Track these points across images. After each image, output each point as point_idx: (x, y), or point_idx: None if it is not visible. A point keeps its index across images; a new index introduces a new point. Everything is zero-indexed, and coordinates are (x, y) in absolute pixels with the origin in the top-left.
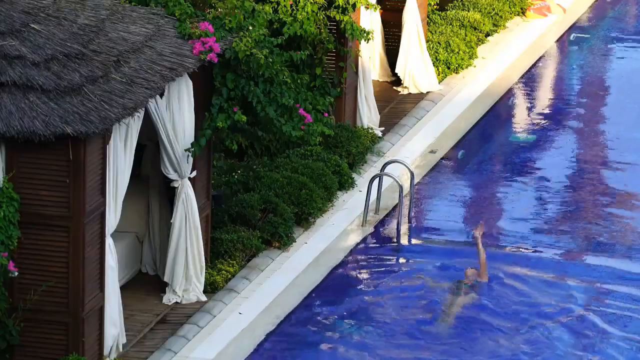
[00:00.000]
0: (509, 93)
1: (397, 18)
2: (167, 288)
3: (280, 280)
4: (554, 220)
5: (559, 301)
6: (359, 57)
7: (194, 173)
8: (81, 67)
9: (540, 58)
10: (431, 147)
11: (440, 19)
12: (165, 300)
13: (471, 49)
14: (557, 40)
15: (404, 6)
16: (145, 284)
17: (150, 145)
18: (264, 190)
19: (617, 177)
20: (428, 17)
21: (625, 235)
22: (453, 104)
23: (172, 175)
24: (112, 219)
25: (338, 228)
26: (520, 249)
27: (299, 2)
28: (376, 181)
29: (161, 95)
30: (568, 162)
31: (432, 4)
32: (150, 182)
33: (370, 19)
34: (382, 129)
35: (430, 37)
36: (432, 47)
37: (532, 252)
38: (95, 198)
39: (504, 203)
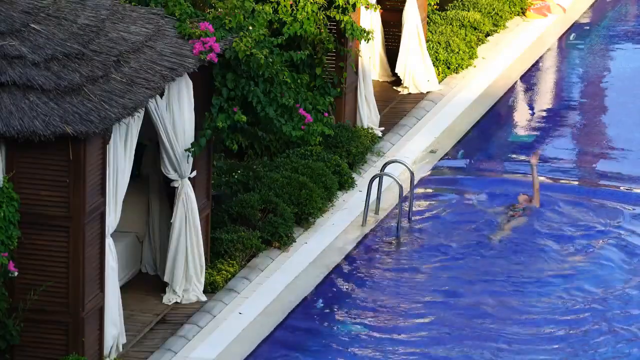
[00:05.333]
0: (509, 93)
1: (397, 18)
2: (167, 288)
3: (280, 280)
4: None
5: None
6: (359, 57)
7: (194, 173)
8: (81, 67)
9: (540, 58)
10: (431, 147)
11: (440, 19)
12: (165, 300)
13: (471, 49)
14: (557, 40)
15: (404, 6)
16: (145, 284)
17: (150, 145)
18: (264, 190)
19: (617, 178)
20: (428, 17)
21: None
22: (453, 104)
23: (172, 175)
24: (112, 219)
25: (338, 228)
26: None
27: (299, 2)
28: (376, 181)
29: (161, 95)
30: (568, 162)
31: (432, 4)
32: (150, 182)
33: (370, 19)
34: (382, 129)
35: (430, 37)
36: (432, 47)
37: None
38: (95, 198)
39: (502, 202)
